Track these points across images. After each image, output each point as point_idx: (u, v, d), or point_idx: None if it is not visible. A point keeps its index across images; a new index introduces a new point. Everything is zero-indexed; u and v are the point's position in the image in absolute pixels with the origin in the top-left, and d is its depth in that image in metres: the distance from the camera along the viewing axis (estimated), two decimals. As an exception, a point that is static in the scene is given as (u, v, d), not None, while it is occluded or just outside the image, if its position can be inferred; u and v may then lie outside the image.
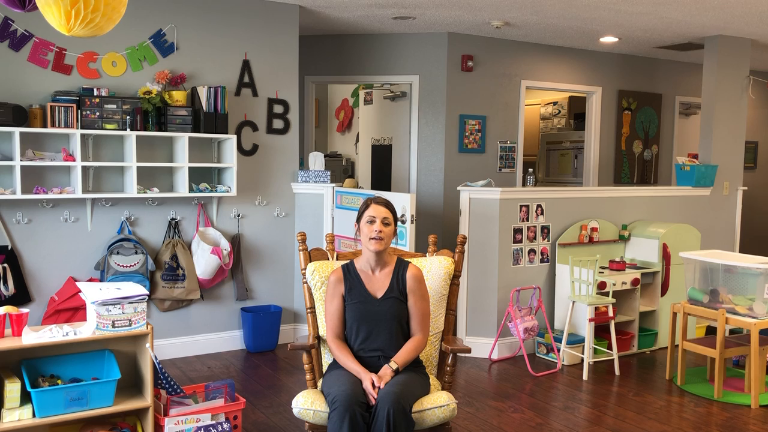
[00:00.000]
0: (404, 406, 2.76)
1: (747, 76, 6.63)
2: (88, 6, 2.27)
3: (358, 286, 3.07)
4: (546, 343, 5.30)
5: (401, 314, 3.04)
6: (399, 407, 2.73)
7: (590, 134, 7.62)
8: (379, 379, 2.87)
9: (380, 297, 3.04)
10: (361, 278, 3.08)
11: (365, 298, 3.04)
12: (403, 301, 3.05)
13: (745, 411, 4.26)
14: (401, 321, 3.04)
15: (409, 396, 2.83)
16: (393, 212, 3.09)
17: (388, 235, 3.04)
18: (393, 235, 3.07)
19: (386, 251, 3.09)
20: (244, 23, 5.28)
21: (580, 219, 5.58)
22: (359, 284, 3.07)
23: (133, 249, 4.79)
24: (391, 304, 3.03)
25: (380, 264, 3.09)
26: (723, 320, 4.38)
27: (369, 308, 3.03)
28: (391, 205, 3.11)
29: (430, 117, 6.59)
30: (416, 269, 3.09)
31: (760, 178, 9.06)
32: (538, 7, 5.46)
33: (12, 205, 4.55)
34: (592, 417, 4.15)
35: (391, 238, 3.06)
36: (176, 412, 3.36)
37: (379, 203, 3.08)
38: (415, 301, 3.04)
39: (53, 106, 4.42)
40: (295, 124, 5.57)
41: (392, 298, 3.04)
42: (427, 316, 3.07)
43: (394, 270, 3.09)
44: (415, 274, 3.07)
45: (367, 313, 3.02)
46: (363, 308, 3.03)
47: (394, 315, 3.02)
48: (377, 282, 3.07)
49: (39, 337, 3.02)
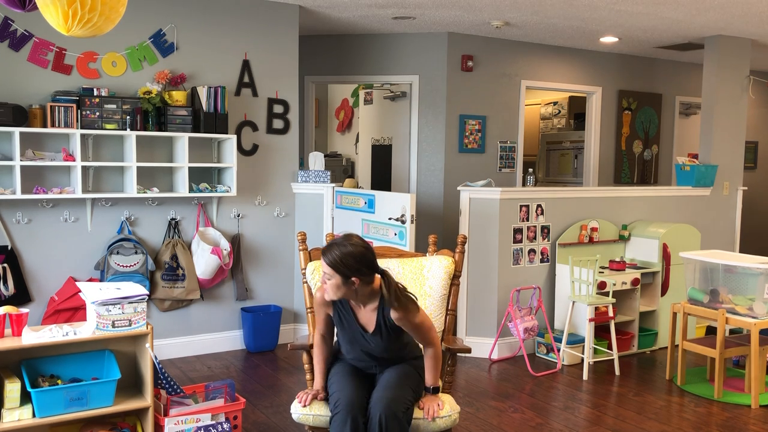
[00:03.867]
0: (395, 411, 2.74)
1: (747, 76, 6.63)
2: (85, 6, 2.27)
3: (348, 317, 2.94)
4: (546, 343, 5.30)
5: (394, 345, 2.93)
6: (390, 413, 2.72)
7: (590, 134, 7.62)
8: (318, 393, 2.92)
9: (371, 332, 2.91)
10: (352, 308, 2.93)
11: (355, 328, 2.93)
12: (393, 333, 2.89)
13: (745, 411, 4.26)
14: (393, 348, 2.94)
15: (401, 400, 2.80)
16: (337, 267, 2.73)
17: (333, 289, 2.79)
18: (343, 287, 2.78)
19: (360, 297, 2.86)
20: (244, 23, 5.28)
21: (580, 219, 5.58)
22: (348, 314, 2.93)
23: (133, 249, 4.79)
24: (381, 341, 2.90)
25: (363, 301, 2.90)
26: (723, 320, 4.38)
27: (360, 340, 2.93)
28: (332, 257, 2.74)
29: (430, 117, 6.59)
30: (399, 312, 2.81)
31: (760, 178, 9.06)
32: (538, 7, 5.46)
33: (12, 205, 4.54)
34: (592, 417, 4.15)
35: (344, 290, 2.79)
36: (176, 412, 3.36)
37: (324, 255, 2.78)
38: (410, 330, 2.88)
39: (53, 106, 4.42)
40: (295, 124, 5.57)
41: (381, 334, 2.90)
42: (428, 330, 2.91)
43: (379, 306, 2.88)
44: (398, 317, 2.81)
45: (357, 343, 2.95)
46: (353, 337, 2.94)
47: (387, 347, 2.92)
48: (367, 316, 2.92)
49: (39, 337, 3.02)
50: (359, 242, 2.80)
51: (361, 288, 2.81)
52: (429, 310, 3.36)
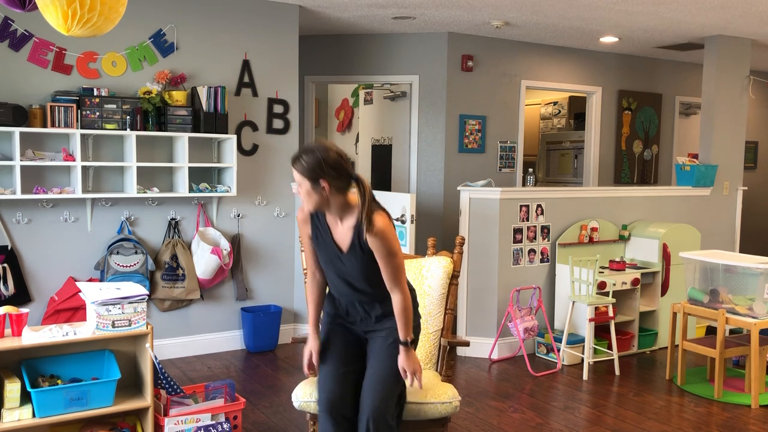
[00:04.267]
0: (384, 414, 2.70)
1: (747, 76, 6.63)
2: (84, 6, 2.28)
3: (324, 235, 2.80)
4: (546, 343, 5.30)
5: (368, 269, 2.75)
6: (379, 417, 2.69)
7: (590, 134, 7.62)
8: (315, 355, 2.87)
9: (345, 252, 2.76)
10: (329, 226, 2.79)
11: (330, 247, 2.79)
12: (367, 256, 2.73)
13: (745, 411, 4.26)
14: (369, 276, 2.77)
15: (390, 399, 2.75)
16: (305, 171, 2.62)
17: (306, 197, 2.67)
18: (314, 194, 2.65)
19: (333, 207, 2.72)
20: (244, 23, 5.28)
21: (580, 219, 5.58)
22: (326, 233, 2.79)
23: (133, 249, 4.79)
24: (356, 261, 2.74)
25: (342, 215, 2.75)
26: (723, 320, 4.38)
27: (335, 260, 2.79)
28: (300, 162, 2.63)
29: (430, 117, 6.59)
30: (376, 226, 2.66)
31: (760, 178, 9.06)
32: (538, 7, 5.46)
33: (12, 205, 4.54)
34: (592, 417, 4.15)
35: (316, 198, 2.66)
36: (176, 412, 3.36)
37: (294, 162, 2.66)
38: (380, 260, 2.70)
39: (53, 106, 4.42)
40: (295, 124, 5.57)
41: (355, 255, 2.74)
42: (398, 269, 2.73)
43: (355, 226, 2.72)
44: (376, 232, 2.65)
45: (335, 267, 2.81)
46: (329, 257, 2.81)
47: (361, 273, 2.76)
48: (342, 233, 2.77)
49: (39, 337, 3.02)
50: (330, 146, 2.68)
51: (334, 196, 2.66)
52: (428, 309, 3.37)
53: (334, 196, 2.68)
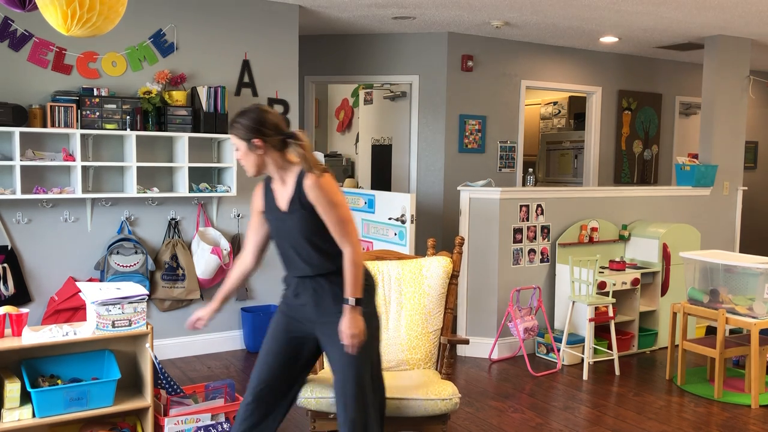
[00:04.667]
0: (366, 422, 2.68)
1: (747, 76, 6.63)
2: (83, 6, 2.28)
3: (270, 199, 2.76)
4: (546, 343, 5.30)
5: (309, 228, 2.66)
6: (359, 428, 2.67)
7: (590, 134, 7.62)
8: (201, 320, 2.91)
9: (285, 210, 2.69)
10: (273, 191, 2.76)
11: (275, 212, 2.74)
12: (307, 213, 2.65)
13: (745, 411, 4.26)
14: (312, 237, 2.67)
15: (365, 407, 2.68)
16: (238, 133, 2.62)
17: (244, 160, 2.66)
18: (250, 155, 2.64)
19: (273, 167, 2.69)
20: (244, 23, 5.28)
21: (580, 219, 5.58)
22: (272, 197, 2.76)
23: (133, 249, 4.79)
24: (296, 219, 2.67)
25: (284, 176, 2.71)
26: (723, 320, 4.38)
27: (279, 224, 2.74)
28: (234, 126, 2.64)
29: (430, 117, 6.59)
30: (312, 177, 2.61)
31: (760, 178, 9.06)
32: (538, 7, 5.46)
33: (12, 205, 4.54)
34: (592, 417, 4.15)
35: (253, 158, 2.64)
36: (176, 412, 3.36)
37: (229, 130, 2.68)
38: (323, 212, 2.62)
39: (53, 106, 4.42)
40: (295, 124, 5.57)
41: (295, 212, 2.66)
42: (344, 222, 2.63)
43: (296, 181, 2.66)
44: (313, 182, 2.60)
45: (279, 231, 2.76)
46: (275, 224, 2.77)
47: (301, 231, 2.67)
48: (283, 193, 2.72)
49: (39, 337, 3.02)
50: (262, 107, 2.68)
51: (270, 155, 2.64)
52: (428, 309, 3.37)
53: (271, 155, 2.64)
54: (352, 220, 2.67)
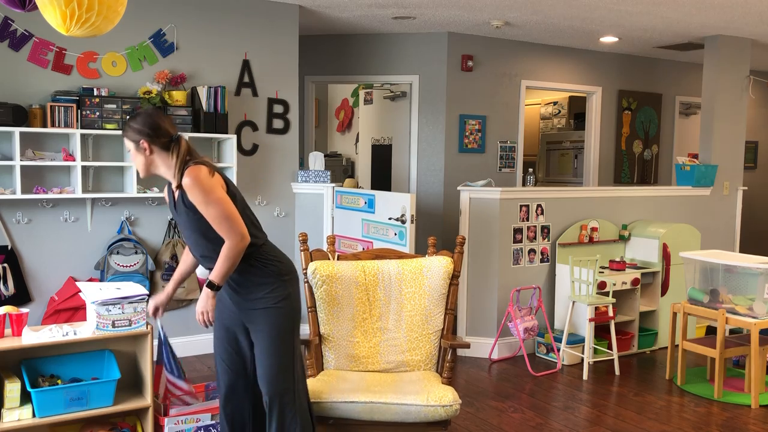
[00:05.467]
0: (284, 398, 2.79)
1: (747, 76, 6.63)
2: (82, 6, 2.28)
3: (171, 200, 2.88)
4: (546, 343, 5.30)
5: (198, 225, 2.75)
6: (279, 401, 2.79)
7: (590, 134, 7.62)
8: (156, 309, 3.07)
9: (177, 211, 2.82)
10: (173, 193, 2.84)
11: (174, 211, 2.86)
12: (192, 211, 2.73)
13: (745, 411, 4.26)
14: (205, 232, 2.75)
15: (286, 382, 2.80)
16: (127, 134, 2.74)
17: (134, 159, 2.78)
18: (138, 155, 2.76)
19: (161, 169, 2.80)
20: (244, 23, 5.28)
21: (580, 219, 5.58)
22: (171, 198, 2.87)
23: (133, 249, 4.79)
24: (185, 218, 2.78)
25: (168, 179, 2.83)
26: (723, 320, 4.38)
27: (179, 222, 2.85)
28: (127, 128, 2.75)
29: (430, 117, 6.59)
30: (186, 177, 2.68)
31: (760, 178, 9.06)
32: (538, 7, 5.46)
33: (12, 205, 4.54)
34: (592, 417, 4.15)
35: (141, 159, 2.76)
36: (176, 412, 3.36)
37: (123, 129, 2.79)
38: (201, 209, 2.69)
39: (53, 106, 4.42)
40: (295, 124, 5.57)
41: (183, 212, 2.77)
42: (220, 218, 2.67)
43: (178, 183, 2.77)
44: (186, 183, 2.67)
45: (182, 228, 2.87)
46: (178, 222, 2.88)
47: (191, 227, 2.78)
48: (175, 193, 2.82)
49: (39, 337, 3.02)
50: (151, 110, 2.85)
51: (159, 157, 2.75)
52: (428, 309, 3.37)
53: (159, 157, 2.76)
54: (230, 215, 2.69)
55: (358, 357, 3.38)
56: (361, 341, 3.40)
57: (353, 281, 3.41)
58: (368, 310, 3.42)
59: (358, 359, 3.38)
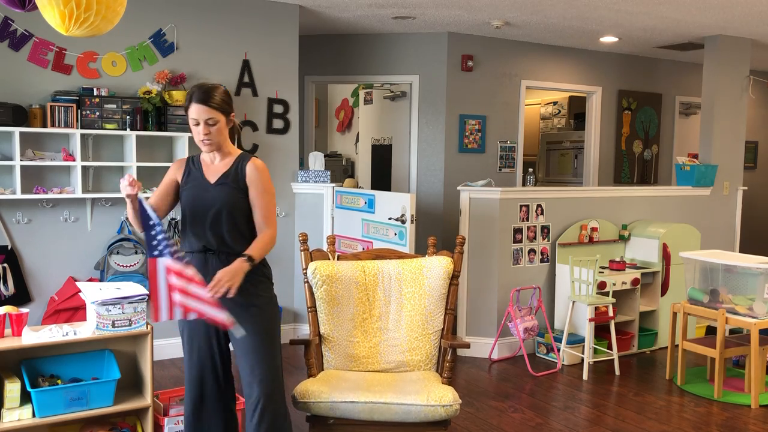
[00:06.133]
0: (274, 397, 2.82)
1: (747, 76, 6.63)
2: (80, 6, 2.27)
3: (196, 173, 2.87)
4: (546, 343, 5.30)
5: (234, 203, 2.78)
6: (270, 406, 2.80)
7: (590, 134, 7.62)
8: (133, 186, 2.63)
9: (214, 182, 2.81)
10: (201, 166, 2.88)
11: (199, 183, 2.83)
12: (237, 190, 2.78)
13: (745, 411, 4.26)
14: (233, 211, 2.78)
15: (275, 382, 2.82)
16: (219, 106, 2.74)
17: (217, 134, 2.75)
18: (225, 129, 2.79)
19: (226, 144, 2.85)
20: (244, 23, 5.28)
21: (580, 219, 5.58)
22: (198, 171, 2.87)
23: (133, 249, 4.79)
24: (223, 191, 2.78)
25: (220, 154, 2.86)
26: (723, 320, 4.38)
27: (201, 193, 2.81)
28: (214, 99, 2.73)
29: (430, 117, 6.59)
30: (258, 161, 2.84)
31: (760, 178, 9.06)
32: (538, 7, 5.46)
33: (12, 205, 4.54)
34: (592, 417, 4.15)
35: (223, 133, 2.78)
36: (176, 412, 3.36)
37: (199, 101, 2.71)
38: (257, 194, 2.79)
39: (53, 106, 4.42)
40: (295, 124, 5.57)
41: (226, 184, 2.79)
42: (272, 208, 2.82)
43: (236, 160, 2.84)
44: (257, 165, 2.81)
45: (198, 199, 2.81)
46: (195, 193, 2.83)
47: (225, 201, 2.77)
48: (214, 168, 2.85)
49: (39, 337, 3.02)
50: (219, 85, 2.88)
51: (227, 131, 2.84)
52: (428, 309, 3.37)
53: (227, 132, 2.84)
54: (275, 208, 2.89)
55: (358, 357, 3.38)
56: (361, 341, 3.40)
57: (353, 281, 3.41)
58: (368, 310, 3.42)
59: (358, 359, 3.38)
